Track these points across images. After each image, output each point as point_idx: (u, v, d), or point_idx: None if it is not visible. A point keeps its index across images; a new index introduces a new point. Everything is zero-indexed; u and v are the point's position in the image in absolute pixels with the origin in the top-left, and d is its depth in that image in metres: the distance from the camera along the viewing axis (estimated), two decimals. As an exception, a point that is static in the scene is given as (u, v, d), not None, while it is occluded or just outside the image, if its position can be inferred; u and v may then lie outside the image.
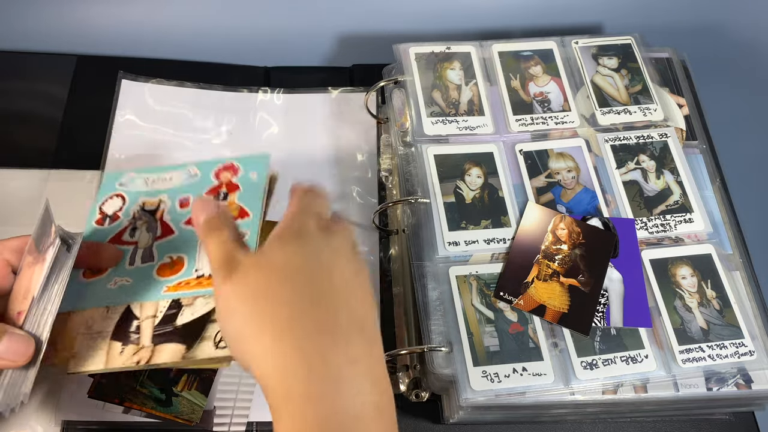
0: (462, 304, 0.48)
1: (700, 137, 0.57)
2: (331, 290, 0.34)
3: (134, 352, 0.42)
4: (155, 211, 0.48)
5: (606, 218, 0.52)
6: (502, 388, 0.45)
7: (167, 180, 0.50)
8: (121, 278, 0.45)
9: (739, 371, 0.47)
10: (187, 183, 0.49)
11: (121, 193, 0.50)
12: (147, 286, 0.44)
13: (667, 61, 0.62)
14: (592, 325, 0.48)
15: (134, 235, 0.47)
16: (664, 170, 0.55)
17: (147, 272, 0.45)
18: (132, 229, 0.48)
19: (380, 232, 0.57)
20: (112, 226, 0.48)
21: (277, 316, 0.33)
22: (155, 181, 0.50)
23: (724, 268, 0.50)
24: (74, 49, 0.66)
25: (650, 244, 0.52)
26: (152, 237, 0.47)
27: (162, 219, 0.48)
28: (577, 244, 0.50)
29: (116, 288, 0.45)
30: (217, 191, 0.48)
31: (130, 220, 0.48)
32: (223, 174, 0.49)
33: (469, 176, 0.53)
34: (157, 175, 0.50)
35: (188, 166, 0.50)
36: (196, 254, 0.45)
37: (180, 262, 0.45)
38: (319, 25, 0.70)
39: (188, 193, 0.49)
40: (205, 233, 0.38)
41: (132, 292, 0.44)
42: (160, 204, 0.49)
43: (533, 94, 0.58)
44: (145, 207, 0.49)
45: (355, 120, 0.63)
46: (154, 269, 0.45)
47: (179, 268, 0.45)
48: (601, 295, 0.49)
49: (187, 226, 0.47)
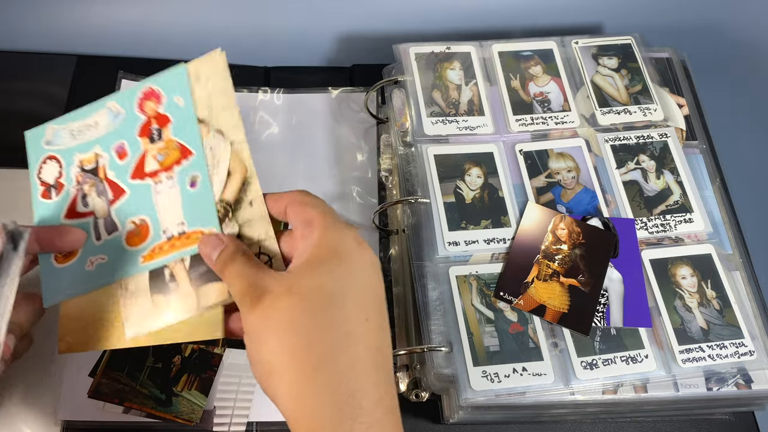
0: (462, 304, 0.48)
1: (700, 137, 0.57)
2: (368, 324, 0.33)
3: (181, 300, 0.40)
4: (96, 169, 0.44)
5: (606, 218, 0.52)
6: (502, 388, 0.45)
7: (93, 126, 0.45)
8: (95, 257, 0.42)
9: (739, 371, 0.47)
10: (114, 126, 0.44)
11: (53, 154, 0.45)
12: (123, 260, 0.42)
13: (667, 61, 0.62)
14: (592, 325, 0.48)
15: (87, 203, 0.43)
16: (664, 170, 0.55)
17: (117, 244, 0.42)
18: (83, 197, 0.44)
19: (380, 232, 0.57)
20: (61, 198, 0.44)
21: (308, 353, 0.31)
22: (81, 129, 0.45)
23: (724, 268, 0.50)
24: (74, 49, 0.66)
25: (650, 244, 0.52)
26: (106, 201, 0.43)
27: (107, 178, 0.43)
28: (577, 244, 0.50)
29: (94, 270, 0.42)
30: (148, 130, 0.43)
31: (76, 187, 0.44)
32: (147, 105, 0.44)
33: (469, 176, 0.53)
34: (80, 121, 0.45)
35: (107, 101, 0.45)
36: (156, 212, 0.42)
37: (145, 226, 0.42)
38: (319, 25, 0.70)
39: (121, 139, 0.44)
40: (221, 269, 0.37)
41: (111, 270, 0.42)
42: (97, 159, 0.44)
43: (533, 94, 0.58)
44: (84, 166, 0.44)
45: (355, 120, 0.63)
46: (123, 239, 0.42)
47: (146, 233, 0.42)
48: (601, 295, 0.49)
49: (135, 180, 0.43)
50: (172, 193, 0.41)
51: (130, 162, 0.43)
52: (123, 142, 0.43)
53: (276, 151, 0.61)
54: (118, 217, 0.42)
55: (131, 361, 0.49)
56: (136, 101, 0.44)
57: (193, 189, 0.41)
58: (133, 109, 0.44)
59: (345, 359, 0.31)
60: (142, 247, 0.41)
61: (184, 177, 0.41)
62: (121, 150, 0.43)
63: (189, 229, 0.40)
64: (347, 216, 0.58)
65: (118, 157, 0.43)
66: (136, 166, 0.43)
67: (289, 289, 0.33)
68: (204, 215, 0.40)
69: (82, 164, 0.44)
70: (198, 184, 0.41)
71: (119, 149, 0.43)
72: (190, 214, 0.41)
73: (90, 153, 0.44)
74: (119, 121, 0.44)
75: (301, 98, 0.64)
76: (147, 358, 0.50)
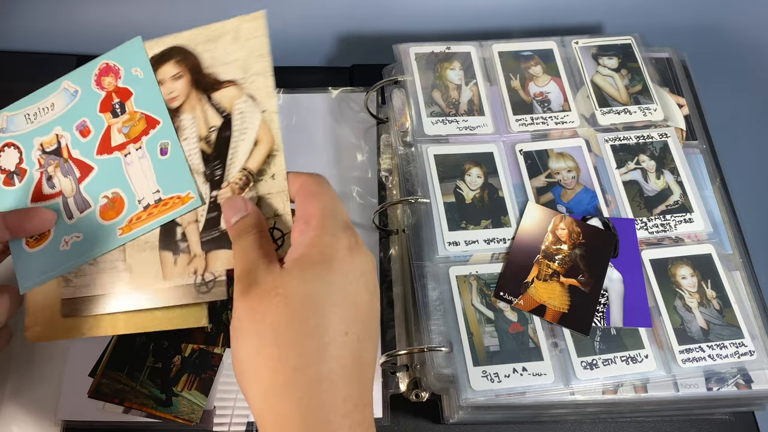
0: (462, 304, 0.48)
1: (700, 137, 0.57)
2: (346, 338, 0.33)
3: (188, 261, 0.40)
4: (59, 149, 0.43)
5: (606, 218, 0.52)
6: (502, 388, 0.45)
7: (50, 109, 0.44)
8: (69, 236, 0.42)
9: (739, 371, 0.47)
10: (73, 105, 0.44)
11: (10, 141, 0.44)
12: (100, 235, 0.41)
13: (667, 61, 0.62)
14: (592, 325, 0.48)
15: (53, 184, 0.43)
16: (664, 170, 0.55)
17: (92, 220, 0.42)
18: (48, 179, 0.43)
19: (380, 232, 0.57)
20: (25, 183, 0.44)
21: (283, 362, 0.32)
22: (37, 114, 0.44)
23: (724, 268, 0.50)
24: (74, 49, 0.66)
25: (650, 244, 0.52)
26: (74, 180, 0.43)
27: (72, 157, 0.43)
28: (577, 244, 0.50)
29: (70, 249, 0.42)
30: (110, 105, 0.43)
31: (39, 170, 0.43)
32: (105, 81, 0.43)
33: (469, 176, 0.53)
34: (34, 106, 0.44)
35: (62, 81, 0.44)
36: (129, 183, 0.41)
37: (119, 199, 0.41)
38: (319, 25, 0.70)
39: (82, 117, 0.43)
40: (234, 237, 0.37)
41: (88, 247, 0.41)
42: (59, 140, 0.43)
43: (533, 94, 0.58)
44: (46, 149, 0.44)
45: (355, 120, 0.63)
46: (97, 215, 0.42)
47: (121, 206, 0.41)
48: (601, 295, 0.49)
49: (102, 155, 0.42)
50: (143, 163, 0.41)
51: (95, 138, 0.43)
52: (84, 119, 0.43)
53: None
54: (89, 194, 0.42)
55: (131, 361, 0.49)
56: (92, 78, 0.43)
57: (164, 157, 0.41)
58: (90, 86, 0.43)
59: (316, 372, 0.32)
60: (119, 220, 0.41)
61: (153, 145, 0.41)
62: (83, 127, 0.43)
63: (165, 196, 0.41)
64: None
65: (80, 135, 0.43)
66: (101, 142, 0.42)
67: (276, 289, 0.33)
68: (179, 181, 0.40)
69: (43, 146, 0.44)
70: (169, 150, 0.41)
71: (81, 127, 0.43)
72: (164, 182, 0.41)
73: (50, 135, 0.44)
74: (77, 99, 0.44)
75: (301, 98, 0.64)
76: (147, 358, 0.50)
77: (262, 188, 0.39)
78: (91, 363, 0.49)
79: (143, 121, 0.42)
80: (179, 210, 0.40)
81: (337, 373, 0.32)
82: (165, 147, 0.41)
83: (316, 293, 0.33)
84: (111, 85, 0.43)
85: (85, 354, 0.50)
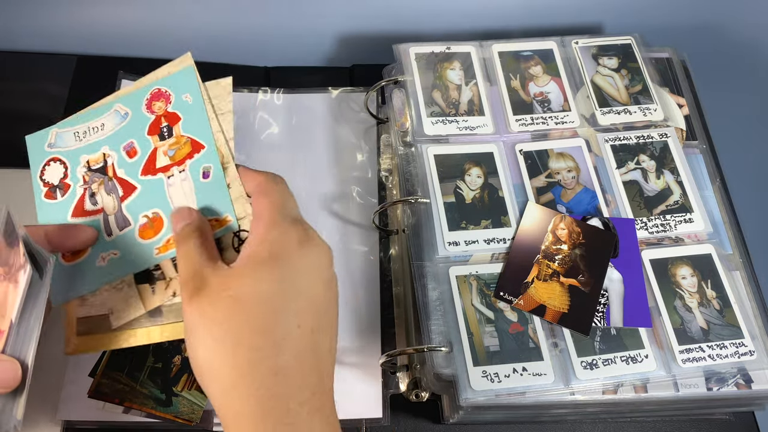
0: (462, 304, 0.48)
1: (700, 137, 0.57)
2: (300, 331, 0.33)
3: (165, 286, 0.41)
4: (104, 167, 0.44)
5: (606, 218, 0.52)
6: (502, 388, 0.45)
7: (99, 129, 0.45)
8: (107, 252, 0.42)
9: (739, 371, 0.47)
10: (122, 126, 0.45)
11: (57, 156, 0.45)
12: (137, 254, 0.42)
13: (667, 61, 0.62)
14: (592, 325, 0.48)
15: (96, 201, 0.44)
16: (664, 170, 0.55)
17: (130, 239, 0.42)
18: (90, 195, 0.44)
19: (380, 232, 0.57)
20: (67, 198, 0.44)
21: (238, 358, 0.32)
22: (86, 132, 0.45)
23: (724, 268, 0.50)
24: (74, 49, 0.66)
25: (650, 244, 0.52)
26: (116, 198, 0.43)
27: (116, 176, 0.44)
28: (577, 244, 0.50)
29: (106, 265, 0.42)
30: (158, 127, 0.44)
31: (83, 186, 0.44)
32: (156, 105, 0.45)
33: (469, 176, 0.53)
34: (84, 125, 0.46)
35: (114, 104, 0.46)
36: (170, 205, 0.43)
37: (158, 219, 0.42)
38: (319, 25, 0.70)
39: (130, 138, 0.45)
40: (177, 243, 0.37)
41: (124, 264, 0.42)
42: (105, 159, 0.44)
43: (533, 94, 0.58)
44: (92, 166, 0.45)
45: (354, 120, 0.63)
46: (136, 234, 0.42)
47: (160, 226, 0.42)
48: (601, 295, 0.49)
49: (146, 176, 0.44)
50: (185, 185, 0.43)
51: (141, 159, 0.44)
52: (132, 141, 0.45)
53: (276, 151, 0.61)
54: (130, 213, 0.43)
55: (131, 361, 0.49)
56: (144, 102, 0.45)
57: (205, 180, 0.42)
58: (141, 109, 0.45)
59: (272, 365, 0.32)
60: (156, 239, 0.42)
61: (196, 169, 0.43)
62: (130, 148, 0.44)
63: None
64: (347, 216, 0.58)
65: (127, 155, 0.44)
66: (146, 163, 0.44)
67: (226, 289, 0.33)
68: (218, 204, 0.41)
69: (89, 164, 0.45)
70: (211, 174, 0.42)
71: (128, 148, 0.44)
72: (204, 204, 0.42)
73: (98, 153, 0.45)
74: (126, 121, 0.45)
75: (301, 98, 0.64)
76: (147, 358, 0.50)
77: None
78: (91, 363, 0.49)
79: (189, 145, 0.43)
80: (216, 232, 0.41)
81: (292, 364, 0.33)
82: (207, 171, 0.42)
83: (266, 290, 0.33)
84: (161, 109, 0.45)
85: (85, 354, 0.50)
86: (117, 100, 0.46)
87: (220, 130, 0.43)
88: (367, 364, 0.52)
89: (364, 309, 0.54)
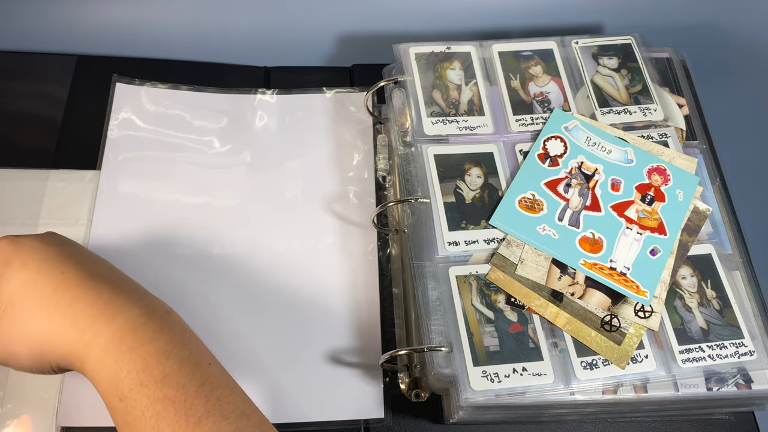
0: (462, 304, 0.48)
1: (700, 137, 0.57)
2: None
3: (570, 283, 0.47)
4: (590, 177, 0.51)
5: (606, 218, 0.52)
6: (502, 388, 0.45)
7: (606, 151, 0.52)
8: (550, 228, 0.49)
9: (739, 371, 0.47)
10: (622, 165, 0.52)
11: (564, 138, 0.53)
12: (568, 249, 0.48)
13: (667, 61, 0.62)
14: (592, 325, 0.48)
15: (567, 191, 0.51)
16: (664, 170, 0.55)
17: (571, 236, 0.49)
18: (566, 185, 0.51)
19: (379, 232, 0.57)
20: (551, 170, 0.52)
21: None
22: (595, 144, 0.53)
23: (724, 268, 0.50)
24: (74, 49, 0.66)
25: (650, 244, 0.52)
26: (582, 203, 0.50)
27: (594, 191, 0.51)
28: (577, 244, 0.50)
29: (544, 235, 0.49)
30: (644, 191, 0.51)
31: (566, 173, 0.51)
32: (654, 176, 0.52)
33: (469, 176, 0.53)
34: (598, 138, 0.53)
35: (628, 146, 0.53)
36: (614, 244, 0.49)
37: (599, 244, 0.49)
38: (319, 25, 0.70)
39: (621, 177, 0.51)
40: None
41: (555, 246, 0.49)
42: (595, 173, 0.51)
43: (533, 94, 0.58)
44: (583, 168, 0.52)
45: (351, 120, 0.63)
46: (577, 238, 0.49)
47: (598, 249, 0.48)
48: (601, 295, 0.49)
49: (613, 211, 0.50)
50: (633, 244, 0.49)
51: (617, 197, 0.51)
52: (621, 180, 0.52)
53: (274, 151, 0.61)
54: (584, 221, 0.50)
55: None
56: (647, 166, 0.52)
57: (651, 256, 0.49)
58: (641, 168, 0.52)
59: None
60: (589, 255, 0.48)
61: (649, 243, 0.49)
62: (615, 184, 0.51)
63: (630, 276, 0.48)
64: (346, 216, 0.58)
65: (610, 185, 0.51)
66: (619, 203, 0.51)
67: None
68: (648, 278, 0.48)
69: (582, 165, 0.52)
70: (657, 255, 0.49)
71: (614, 182, 0.52)
72: (638, 268, 0.48)
73: (593, 164, 0.52)
74: (626, 165, 0.52)
75: (299, 99, 0.64)
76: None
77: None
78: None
79: (656, 223, 0.50)
80: (629, 292, 0.47)
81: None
82: (656, 251, 0.49)
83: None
84: (657, 182, 0.51)
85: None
86: (631, 146, 0.53)
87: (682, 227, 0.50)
88: (367, 364, 0.52)
89: (364, 309, 0.54)
